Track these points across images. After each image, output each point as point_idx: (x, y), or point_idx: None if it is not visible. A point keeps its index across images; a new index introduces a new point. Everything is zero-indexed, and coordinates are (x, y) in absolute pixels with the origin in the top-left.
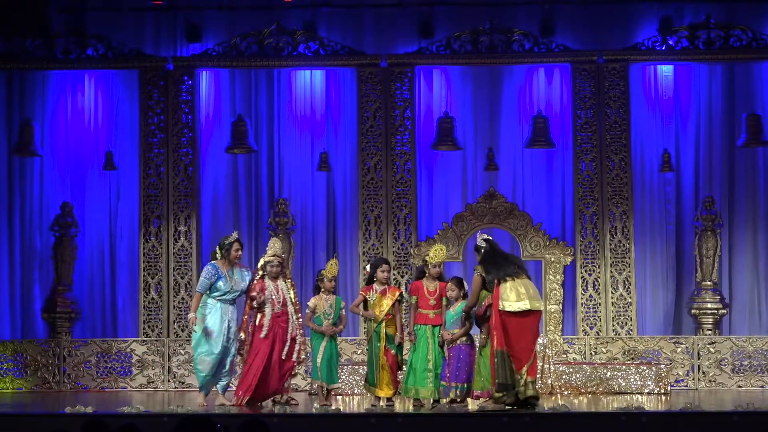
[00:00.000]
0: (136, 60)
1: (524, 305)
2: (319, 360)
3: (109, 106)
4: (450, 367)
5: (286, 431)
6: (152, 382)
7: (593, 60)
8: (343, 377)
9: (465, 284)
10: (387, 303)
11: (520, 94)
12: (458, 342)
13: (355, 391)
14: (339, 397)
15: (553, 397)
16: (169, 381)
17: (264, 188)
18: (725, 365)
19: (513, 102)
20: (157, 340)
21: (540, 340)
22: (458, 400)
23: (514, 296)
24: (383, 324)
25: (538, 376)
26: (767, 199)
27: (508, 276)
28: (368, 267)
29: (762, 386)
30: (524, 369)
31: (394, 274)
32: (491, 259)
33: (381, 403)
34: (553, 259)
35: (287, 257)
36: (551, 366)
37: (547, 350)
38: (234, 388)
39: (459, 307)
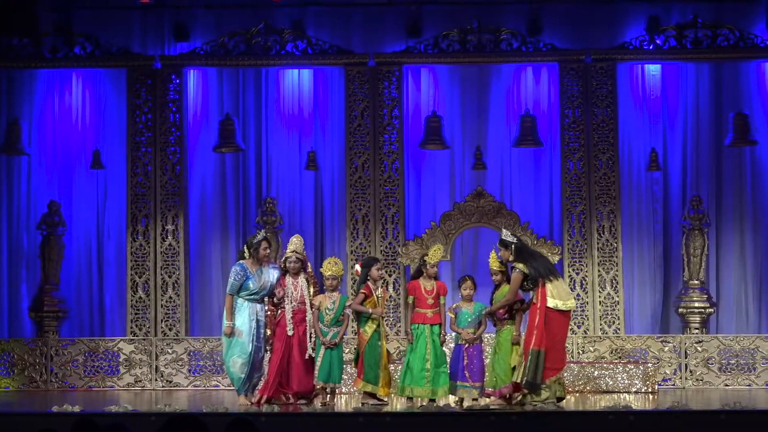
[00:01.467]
0: (124, 59)
1: (572, 304)
2: (319, 361)
3: (97, 105)
4: (472, 367)
5: (273, 430)
6: (139, 381)
7: (581, 59)
8: None
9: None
10: (384, 302)
11: (508, 93)
12: (476, 341)
13: (343, 390)
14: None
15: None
16: (156, 380)
17: (252, 187)
18: (712, 364)
19: (501, 101)
20: (144, 339)
21: None
22: (479, 398)
23: (563, 295)
24: (383, 323)
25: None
26: (754, 198)
27: (552, 275)
28: (357, 267)
29: (749, 385)
30: (562, 372)
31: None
32: (530, 256)
33: (370, 401)
34: None
35: (275, 256)
36: None
37: None
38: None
39: (476, 306)
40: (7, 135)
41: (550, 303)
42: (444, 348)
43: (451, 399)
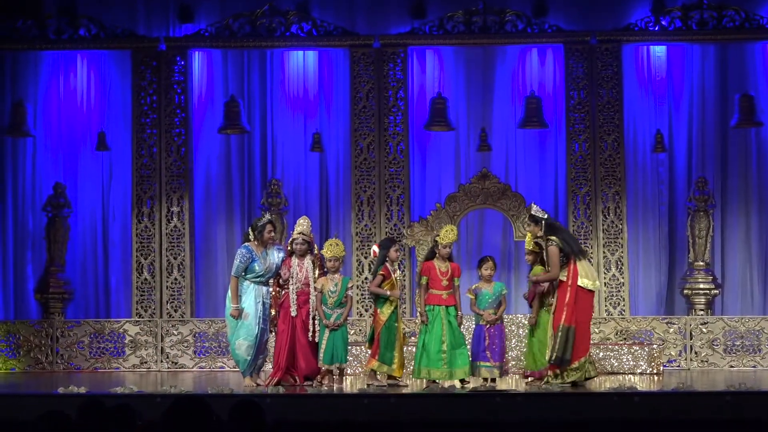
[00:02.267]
0: (129, 41)
1: (598, 285)
2: (323, 345)
3: (102, 87)
4: (494, 347)
5: (279, 411)
6: (145, 362)
7: (586, 40)
8: None
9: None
10: (400, 284)
11: (513, 74)
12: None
13: (348, 371)
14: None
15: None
16: (161, 361)
17: (257, 169)
18: (717, 345)
19: (506, 82)
20: (150, 321)
21: None
22: (495, 378)
23: (590, 275)
24: (399, 304)
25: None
26: (759, 179)
27: (582, 254)
28: (375, 248)
29: (754, 366)
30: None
31: (399, 255)
32: (562, 231)
33: (382, 381)
34: None
35: (280, 238)
36: None
37: None
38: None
39: (495, 286)
40: (12, 117)
41: (581, 282)
42: (462, 329)
43: (473, 379)
